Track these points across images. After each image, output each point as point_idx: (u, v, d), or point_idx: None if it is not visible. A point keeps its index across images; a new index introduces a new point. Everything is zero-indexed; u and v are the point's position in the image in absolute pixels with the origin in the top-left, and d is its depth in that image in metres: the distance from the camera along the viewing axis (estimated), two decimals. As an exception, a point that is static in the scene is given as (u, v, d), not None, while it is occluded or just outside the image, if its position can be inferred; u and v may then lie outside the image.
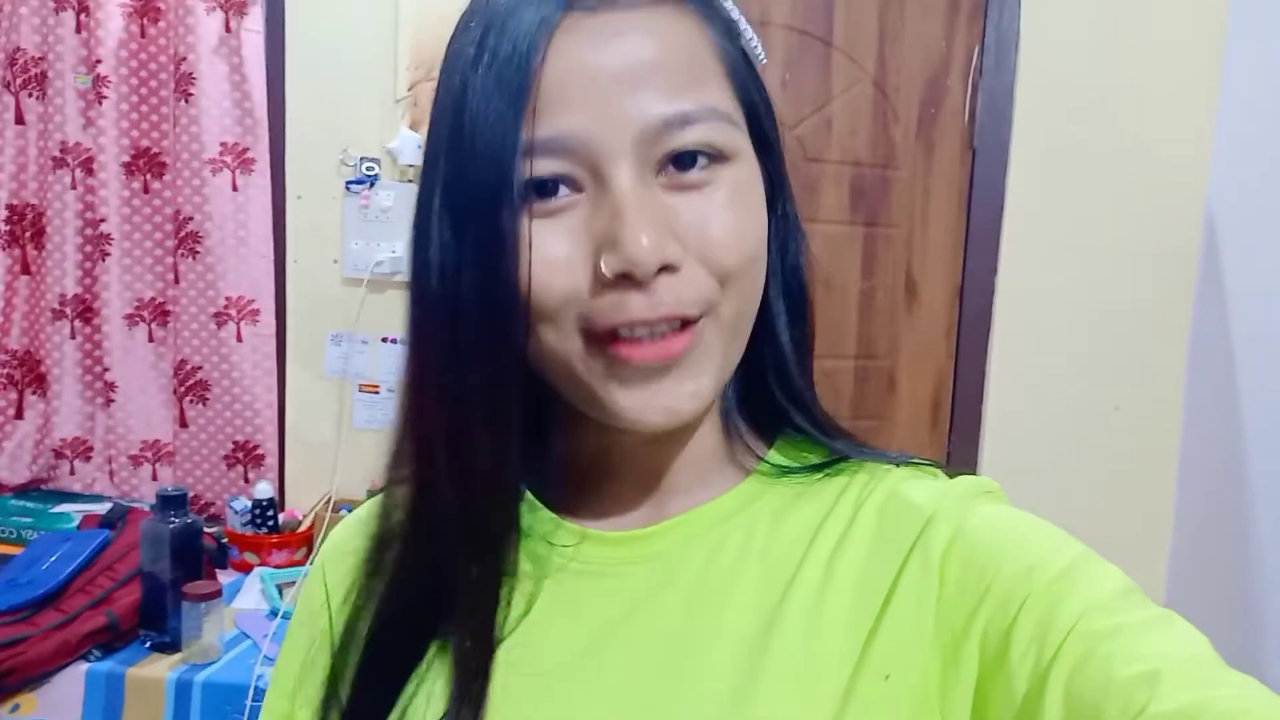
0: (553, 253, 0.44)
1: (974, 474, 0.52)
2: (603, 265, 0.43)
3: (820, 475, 0.52)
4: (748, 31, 0.50)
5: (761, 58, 0.51)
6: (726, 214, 0.45)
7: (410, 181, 2.09)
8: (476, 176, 0.43)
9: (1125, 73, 2.06)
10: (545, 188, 0.44)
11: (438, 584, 0.50)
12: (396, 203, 2.09)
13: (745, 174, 0.47)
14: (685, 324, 0.45)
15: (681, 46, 0.45)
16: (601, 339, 0.45)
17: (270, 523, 1.99)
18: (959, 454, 2.15)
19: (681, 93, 0.44)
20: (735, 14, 0.50)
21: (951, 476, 0.51)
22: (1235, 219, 1.98)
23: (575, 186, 0.44)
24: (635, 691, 0.46)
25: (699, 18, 0.47)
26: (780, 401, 0.54)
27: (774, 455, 0.54)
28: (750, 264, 0.46)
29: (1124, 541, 2.08)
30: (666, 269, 0.43)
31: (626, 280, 0.43)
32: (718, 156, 0.45)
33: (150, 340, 2.14)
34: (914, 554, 0.46)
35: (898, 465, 0.52)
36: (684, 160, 0.44)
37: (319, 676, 0.53)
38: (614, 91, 0.43)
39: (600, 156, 0.43)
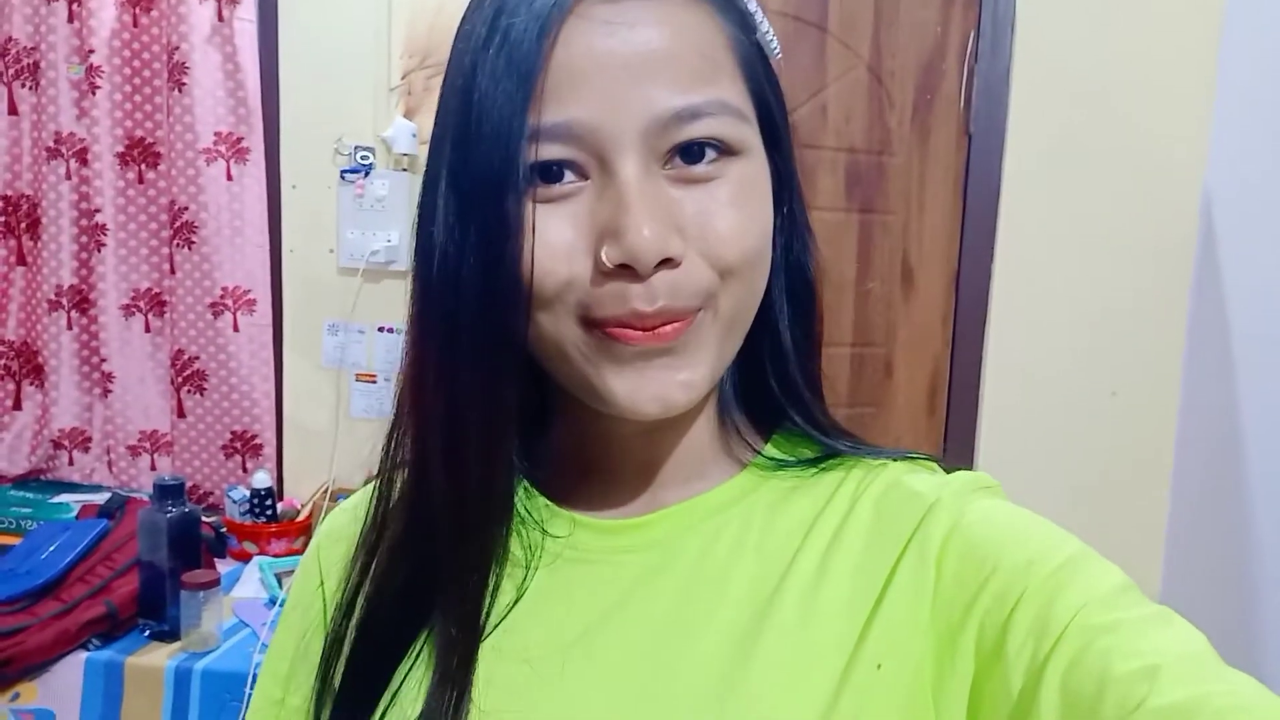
0: (555, 239, 0.44)
1: (971, 468, 0.52)
2: (603, 255, 0.43)
3: (815, 470, 0.52)
4: (764, 25, 0.49)
5: (777, 52, 0.50)
6: (731, 209, 0.45)
7: (405, 170, 2.09)
8: (482, 159, 0.43)
9: (1122, 59, 2.05)
10: (550, 173, 0.44)
11: (429, 570, 0.50)
12: (391, 191, 2.09)
13: (753, 170, 0.46)
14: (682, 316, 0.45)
15: (695, 38, 0.44)
16: (597, 325, 0.45)
17: (268, 512, 2.00)
18: (955, 440, 2.15)
19: (692, 86, 0.43)
20: (752, 6, 0.49)
21: (949, 472, 0.51)
22: (1232, 206, 1.98)
23: (580, 173, 0.44)
24: (626, 679, 0.46)
25: (714, 9, 0.46)
26: (778, 397, 0.54)
27: (770, 449, 0.54)
28: (753, 260, 0.46)
29: (1120, 527, 2.10)
30: (666, 262, 0.43)
31: (626, 271, 0.43)
32: (726, 151, 0.45)
33: (147, 331, 2.14)
34: (912, 544, 0.46)
35: (894, 460, 0.53)
36: (692, 153, 0.44)
37: (312, 662, 0.53)
38: (624, 80, 0.42)
39: (607, 145, 0.43)
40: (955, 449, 2.13)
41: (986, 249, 2.12)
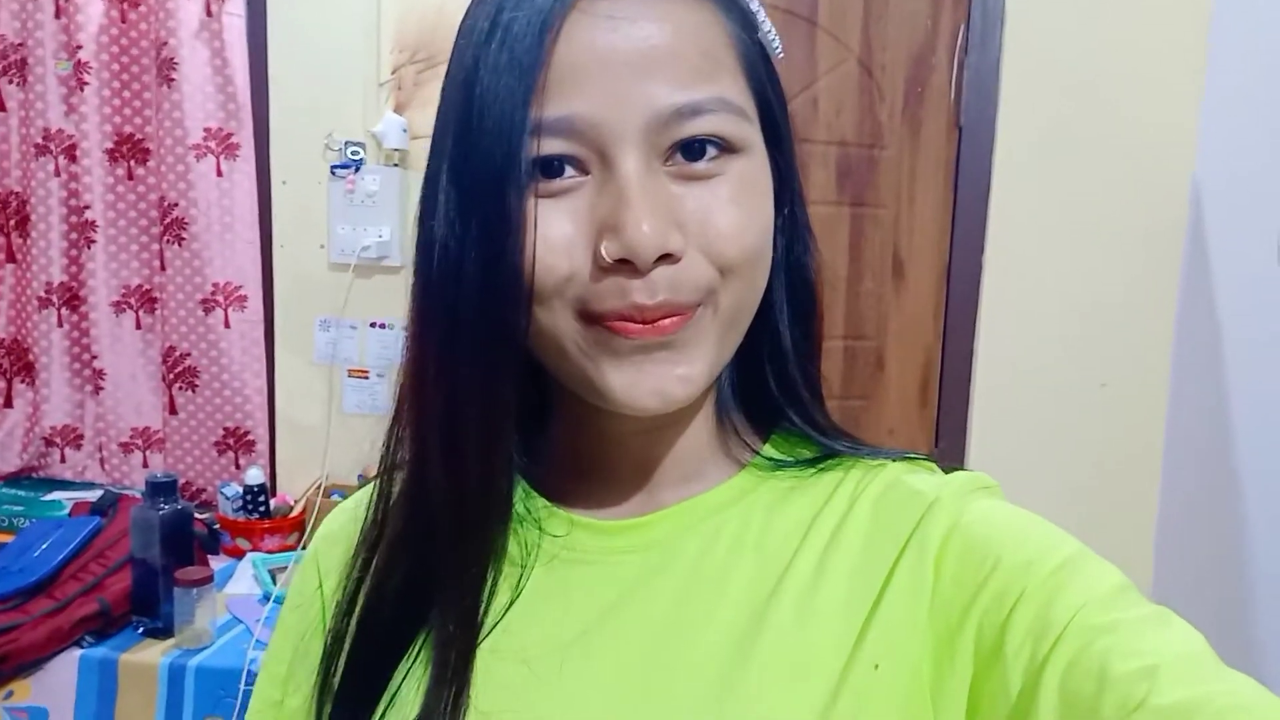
0: (555, 234, 0.43)
1: (962, 461, 0.52)
2: (603, 250, 0.43)
3: (814, 470, 0.52)
4: (766, 24, 0.49)
5: (779, 51, 0.50)
6: (731, 206, 0.44)
7: (396, 165, 2.09)
8: (483, 153, 0.43)
9: (1111, 51, 2.06)
10: (551, 168, 0.44)
11: (428, 567, 0.50)
12: (382, 187, 2.08)
13: (754, 168, 0.46)
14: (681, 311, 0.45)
15: (696, 36, 0.44)
16: (596, 319, 0.45)
17: (262, 508, 2.00)
18: (947, 433, 2.16)
19: (693, 82, 0.43)
20: (754, 5, 0.49)
21: (947, 472, 0.51)
22: (1221, 197, 1.99)
23: (581, 168, 0.44)
24: (624, 679, 0.46)
25: (717, 7, 0.46)
26: (776, 397, 0.54)
27: (769, 449, 0.54)
28: (752, 258, 0.46)
29: (1110, 517, 2.12)
30: (666, 258, 0.43)
31: (625, 266, 0.43)
32: (727, 148, 0.45)
33: (138, 327, 2.13)
34: (910, 544, 0.46)
35: (893, 460, 0.53)
36: (693, 150, 0.44)
37: (311, 663, 0.53)
38: (625, 77, 0.42)
39: (608, 140, 0.43)
40: (947, 441, 2.14)
41: (977, 241, 2.13)
